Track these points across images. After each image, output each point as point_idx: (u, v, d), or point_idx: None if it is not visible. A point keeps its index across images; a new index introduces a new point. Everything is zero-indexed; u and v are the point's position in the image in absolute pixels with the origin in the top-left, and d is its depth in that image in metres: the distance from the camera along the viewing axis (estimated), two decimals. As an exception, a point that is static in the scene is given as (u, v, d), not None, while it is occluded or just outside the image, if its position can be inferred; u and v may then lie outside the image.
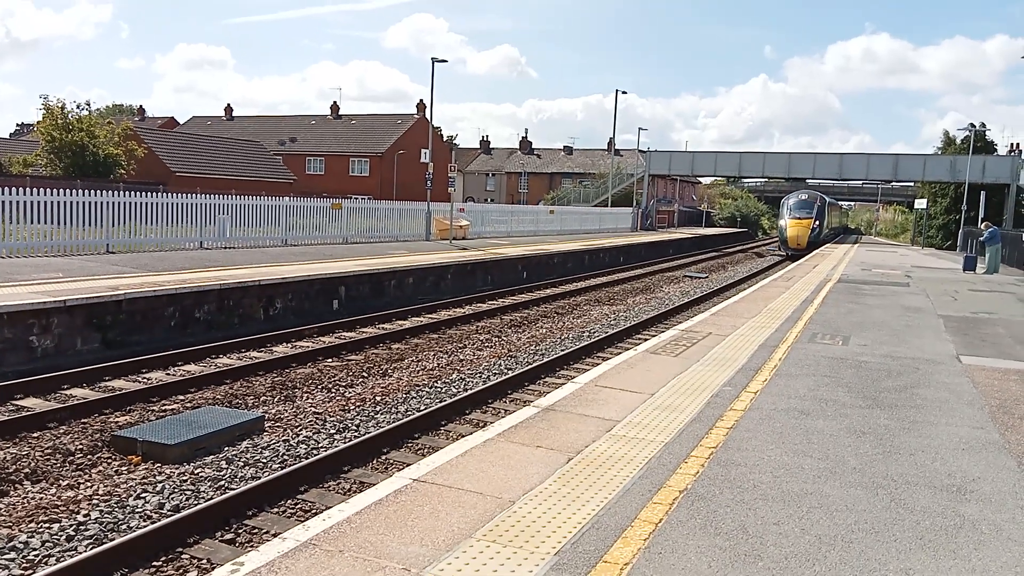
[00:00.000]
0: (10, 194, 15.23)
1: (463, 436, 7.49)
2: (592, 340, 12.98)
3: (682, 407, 6.30)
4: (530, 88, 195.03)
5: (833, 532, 4.01)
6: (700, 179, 77.12)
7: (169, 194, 19.52)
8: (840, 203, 69.66)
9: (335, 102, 68.77)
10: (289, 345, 12.00)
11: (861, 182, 64.37)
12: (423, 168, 30.45)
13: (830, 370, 7.96)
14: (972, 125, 43.04)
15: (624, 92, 58.74)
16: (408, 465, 5.94)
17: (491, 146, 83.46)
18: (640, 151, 57.61)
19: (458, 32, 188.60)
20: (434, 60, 28.69)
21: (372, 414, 8.61)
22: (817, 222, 37.55)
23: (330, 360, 11.08)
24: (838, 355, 8.78)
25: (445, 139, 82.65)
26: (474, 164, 79.55)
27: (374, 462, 7.11)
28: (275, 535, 5.24)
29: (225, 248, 19.17)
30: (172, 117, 76.41)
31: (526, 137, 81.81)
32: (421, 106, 63.85)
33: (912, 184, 58.04)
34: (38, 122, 38.40)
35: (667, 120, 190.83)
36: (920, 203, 48.17)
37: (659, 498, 4.37)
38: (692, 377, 7.39)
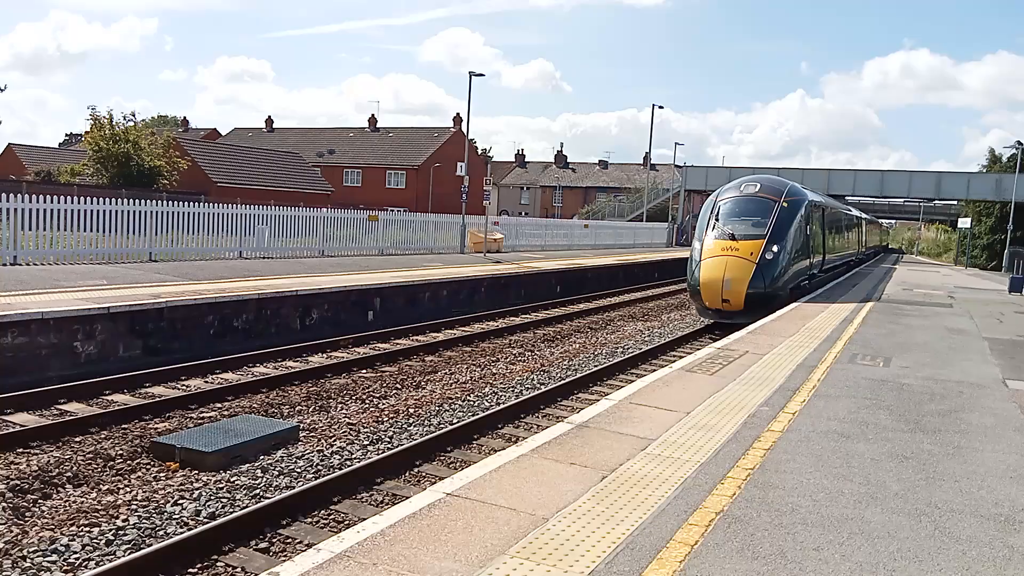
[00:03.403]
0: (59, 202, 15.66)
1: (496, 451, 7.47)
2: (626, 356, 12.88)
3: (718, 427, 6.22)
4: (564, 102, 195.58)
5: (875, 560, 3.91)
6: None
7: (210, 204, 19.91)
8: (880, 220, 67.84)
9: (373, 115, 69.74)
10: (324, 355, 12.11)
11: (903, 200, 63.16)
12: (459, 181, 30.65)
13: (871, 392, 7.80)
14: (1019, 143, 41.98)
15: (660, 107, 58.57)
16: (441, 479, 5.94)
17: (526, 160, 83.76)
18: (676, 166, 57.30)
19: (493, 46, 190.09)
20: (471, 74, 28.94)
21: (405, 426, 8.64)
22: (775, 247, 15.79)
23: (364, 371, 11.15)
24: (879, 377, 8.60)
25: (480, 152, 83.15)
26: (509, 177, 79.86)
27: (407, 474, 7.13)
28: (309, 545, 5.29)
29: (264, 258, 19.46)
30: (215, 128, 78.05)
31: (561, 151, 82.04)
32: (457, 119, 64.38)
33: (955, 202, 56.84)
34: (86, 132, 39.51)
35: (702, 135, 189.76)
36: (964, 222, 47.10)
37: (695, 519, 4.30)
38: (728, 396, 7.29)
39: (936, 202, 63.17)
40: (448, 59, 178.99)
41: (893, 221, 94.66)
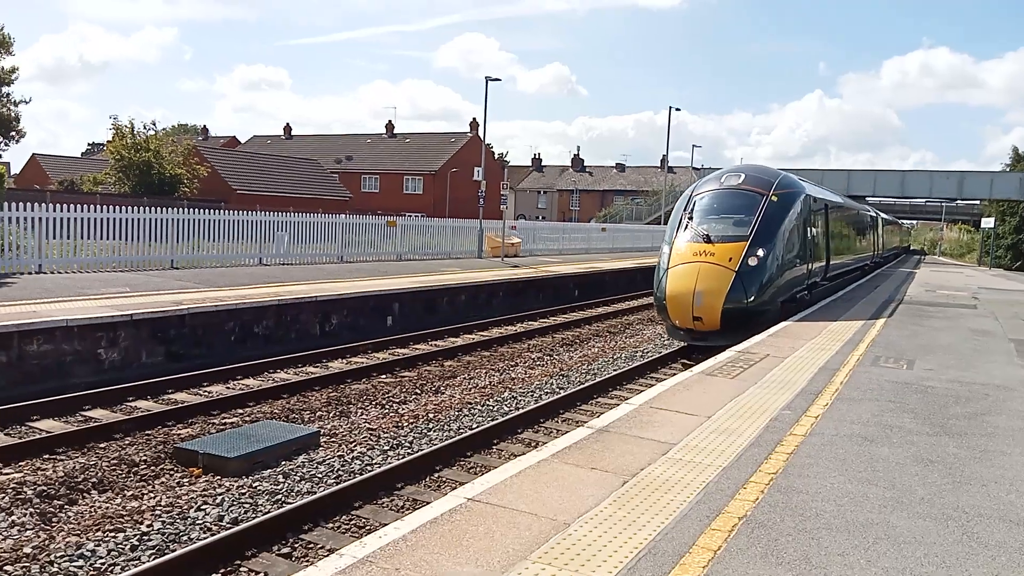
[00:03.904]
0: (82, 211, 15.86)
1: (516, 456, 7.47)
2: (646, 360, 12.83)
3: (740, 431, 6.17)
4: (580, 106, 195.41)
5: (901, 565, 3.86)
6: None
7: (230, 211, 20.08)
8: (901, 221, 66.92)
9: (390, 121, 70.21)
10: (344, 361, 12.17)
11: (924, 200, 62.49)
12: (475, 186, 30.73)
13: (894, 395, 7.71)
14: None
15: (677, 109, 58.35)
16: (462, 484, 5.95)
17: (543, 164, 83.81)
18: (694, 168, 57.10)
19: (508, 51, 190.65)
20: (488, 79, 29.02)
21: (425, 431, 8.65)
22: (761, 251, 12.82)
23: (384, 376, 11.19)
24: (903, 379, 8.50)
25: (497, 157, 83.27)
26: (526, 182, 79.93)
27: (427, 480, 7.14)
28: (331, 551, 5.31)
29: (283, 264, 19.60)
30: (234, 136, 78.79)
31: (578, 155, 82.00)
32: (474, 124, 64.53)
33: (978, 202, 56.13)
34: (108, 142, 40.03)
35: (719, 137, 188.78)
36: (987, 222, 46.48)
37: (717, 524, 4.27)
38: (750, 400, 7.24)
39: (958, 202, 62.42)
40: (463, 65, 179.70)
41: (914, 222, 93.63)
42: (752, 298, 12.50)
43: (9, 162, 53.45)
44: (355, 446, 8.00)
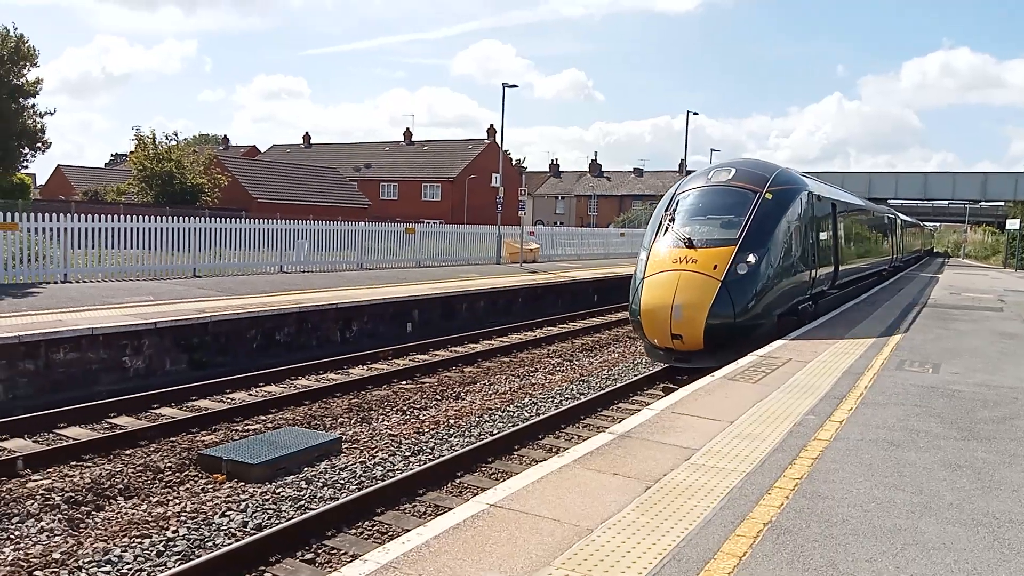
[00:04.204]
0: (106, 221, 16.09)
1: (537, 461, 7.45)
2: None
3: (763, 436, 6.12)
4: (597, 111, 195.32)
5: (931, 572, 3.80)
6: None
7: (251, 220, 20.27)
8: (923, 224, 66.05)
9: (408, 128, 70.44)
10: (365, 367, 12.22)
11: (947, 202, 61.71)
12: (493, 192, 30.78)
13: (920, 399, 7.61)
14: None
15: (695, 113, 58.13)
16: (483, 490, 5.95)
17: (560, 169, 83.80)
18: (712, 172, 56.72)
19: (524, 57, 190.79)
20: (505, 85, 29.11)
21: (446, 437, 8.67)
22: (752, 256, 11.23)
23: (405, 382, 11.23)
24: (928, 383, 8.39)
25: (514, 163, 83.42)
26: (543, 187, 79.96)
27: (448, 486, 7.15)
28: (354, 556, 5.32)
29: (304, 272, 19.74)
30: (254, 145, 79.58)
31: (595, 160, 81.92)
32: (491, 131, 64.70)
33: (1003, 204, 55.34)
34: (131, 152, 40.59)
35: (738, 141, 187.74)
36: (1012, 223, 45.76)
37: (742, 530, 4.24)
38: (773, 405, 7.18)
39: (982, 203, 61.59)
40: (480, 72, 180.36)
41: (938, 224, 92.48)
42: (741, 311, 10.86)
43: (35, 173, 54.33)
44: (377, 452, 8.03)
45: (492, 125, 65.35)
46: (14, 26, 16.25)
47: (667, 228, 11.85)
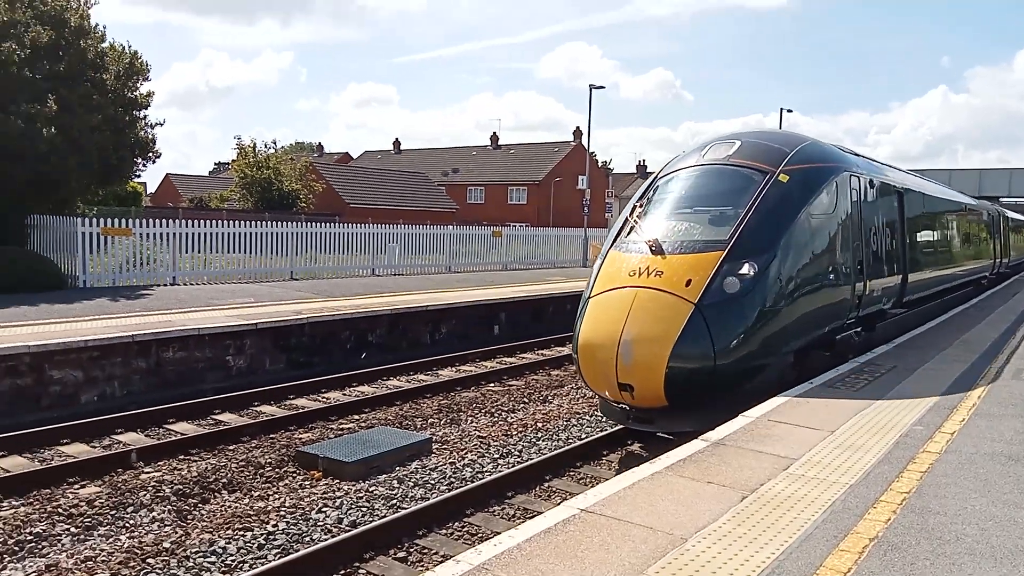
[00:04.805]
0: (210, 226, 16.92)
1: (628, 467, 7.35)
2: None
3: (866, 446, 5.84)
4: (686, 111, 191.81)
5: (1058, 598, 3.53)
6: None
7: (344, 224, 20.90)
8: None
9: (495, 132, 71.08)
10: (454, 369, 12.39)
11: (1070, 199, 57.36)
12: (580, 194, 30.72)
13: (1041, 411, 7.09)
14: None
15: (789, 111, 56.35)
16: (572, 494, 5.92)
17: (648, 170, 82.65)
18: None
19: (611, 58, 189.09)
20: (591, 87, 29.02)
21: (534, 440, 8.67)
22: (747, 266, 7.58)
23: (492, 384, 11.31)
24: (1050, 394, 7.81)
25: (601, 165, 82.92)
26: (630, 189, 79.03)
27: (536, 489, 7.14)
28: (445, 556, 5.39)
29: (394, 275, 20.20)
30: (347, 152, 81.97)
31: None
32: (577, 133, 64.52)
33: None
34: (233, 161, 42.57)
35: (835, 138, 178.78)
36: None
37: (846, 545, 4.05)
38: (876, 414, 6.85)
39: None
40: (566, 74, 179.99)
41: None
42: (725, 349, 7.32)
43: (146, 182, 57.72)
44: (466, 453, 8.11)
45: (578, 127, 65.19)
46: (128, 44, 17.25)
47: (632, 227, 8.51)
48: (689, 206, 8.58)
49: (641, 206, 8.89)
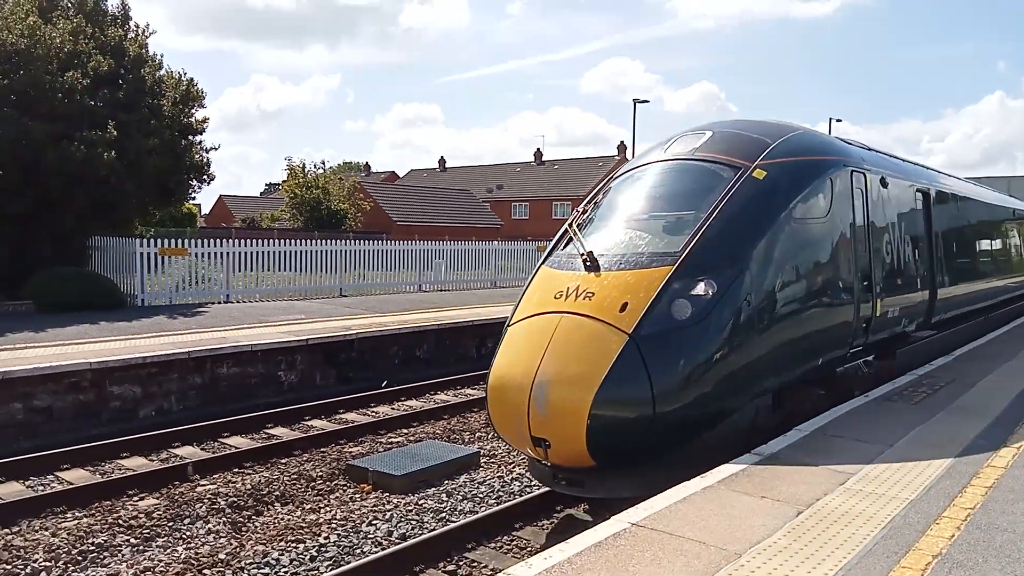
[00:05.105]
0: (261, 245, 17.32)
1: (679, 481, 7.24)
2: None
3: (927, 461, 5.66)
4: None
5: None
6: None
7: (391, 242, 21.19)
8: None
9: (538, 148, 71.24)
10: (500, 384, 12.38)
11: None
12: (626, 208, 30.51)
13: (1114, 425, 6.78)
14: None
15: (838, 120, 55.33)
16: (622, 508, 5.85)
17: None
18: (858, 181, 53.52)
19: (653, 72, 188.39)
20: (635, 101, 29.00)
21: (582, 454, 8.60)
22: (704, 284, 6.06)
23: (539, 399, 11.27)
24: (1123, 407, 7.46)
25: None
26: (676, 202, 78.36)
27: (585, 503, 7.07)
28: (495, 570, 5.38)
29: (440, 290, 20.36)
30: (393, 171, 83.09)
31: (730, 173, 79.30)
32: (621, 147, 64.29)
33: None
34: (283, 181, 43.56)
35: (886, 147, 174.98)
36: None
37: (908, 562, 3.92)
38: (936, 428, 6.63)
39: None
40: (609, 89, 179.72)
41: None
42: (666, 392, 5.76)
43: (200, 203, 59.35)
44: (513, 467, 8.10)
45: (622, 141, 64.96)
46: (183, 71, 17.88)
47: (569, 239, 7.08)
48: (644, 212, 7.14)
49: (585, 212, 7.54)
